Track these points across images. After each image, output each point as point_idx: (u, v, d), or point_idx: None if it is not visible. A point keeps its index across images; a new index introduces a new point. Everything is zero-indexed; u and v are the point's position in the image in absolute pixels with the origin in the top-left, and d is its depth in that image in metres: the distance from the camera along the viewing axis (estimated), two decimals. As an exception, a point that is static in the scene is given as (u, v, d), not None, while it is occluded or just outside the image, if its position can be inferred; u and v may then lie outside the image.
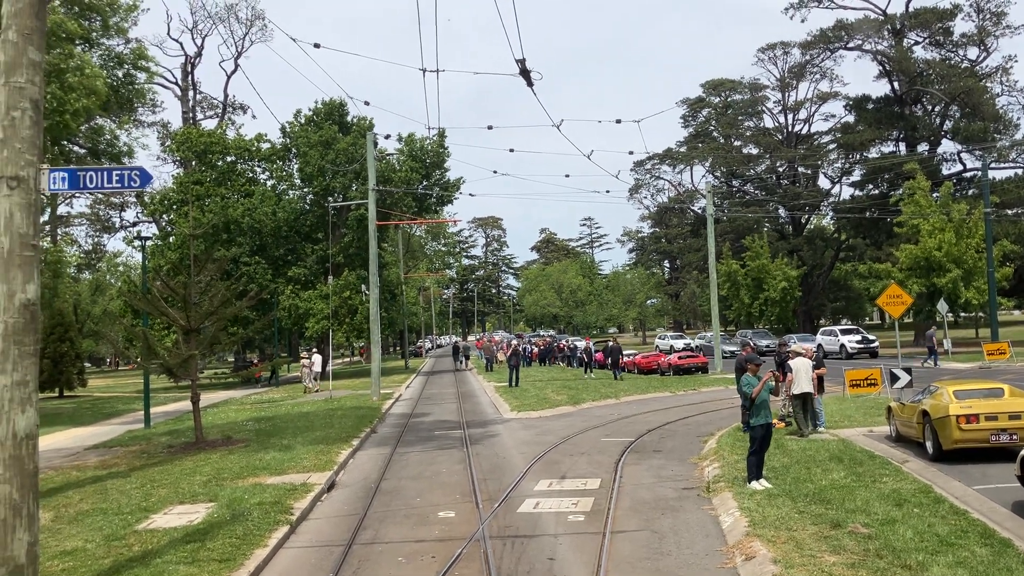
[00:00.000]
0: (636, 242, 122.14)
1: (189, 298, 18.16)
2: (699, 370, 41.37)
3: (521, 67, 11.40)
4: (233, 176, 52.38)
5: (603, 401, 26.60)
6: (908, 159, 55.99)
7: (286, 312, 48.62)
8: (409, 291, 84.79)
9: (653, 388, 30.32)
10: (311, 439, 18.95)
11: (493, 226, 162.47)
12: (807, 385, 17.32)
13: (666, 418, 21.74)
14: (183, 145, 52.49)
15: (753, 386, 11.97)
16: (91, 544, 10.11)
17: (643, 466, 14.81)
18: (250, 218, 48.42)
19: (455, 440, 19.41)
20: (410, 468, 15.74)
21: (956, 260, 44.67)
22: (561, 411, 24.50)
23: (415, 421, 24.17)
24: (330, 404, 28.71)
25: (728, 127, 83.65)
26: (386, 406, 28.03)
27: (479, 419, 23.85)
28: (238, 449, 18.07)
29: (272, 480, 14.08)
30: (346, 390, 36.51)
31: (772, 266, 65.67)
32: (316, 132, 50.08)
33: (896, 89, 60.76)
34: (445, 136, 51.31)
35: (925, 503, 10.36)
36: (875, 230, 62.34)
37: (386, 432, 21.80)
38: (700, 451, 16.24)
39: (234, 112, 69.99)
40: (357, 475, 15.34)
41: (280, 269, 50.20)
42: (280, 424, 22.63)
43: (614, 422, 21.53)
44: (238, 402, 33.94)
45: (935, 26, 58.38)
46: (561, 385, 32.82)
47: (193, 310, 18.57)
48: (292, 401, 31.86)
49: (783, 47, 77.20)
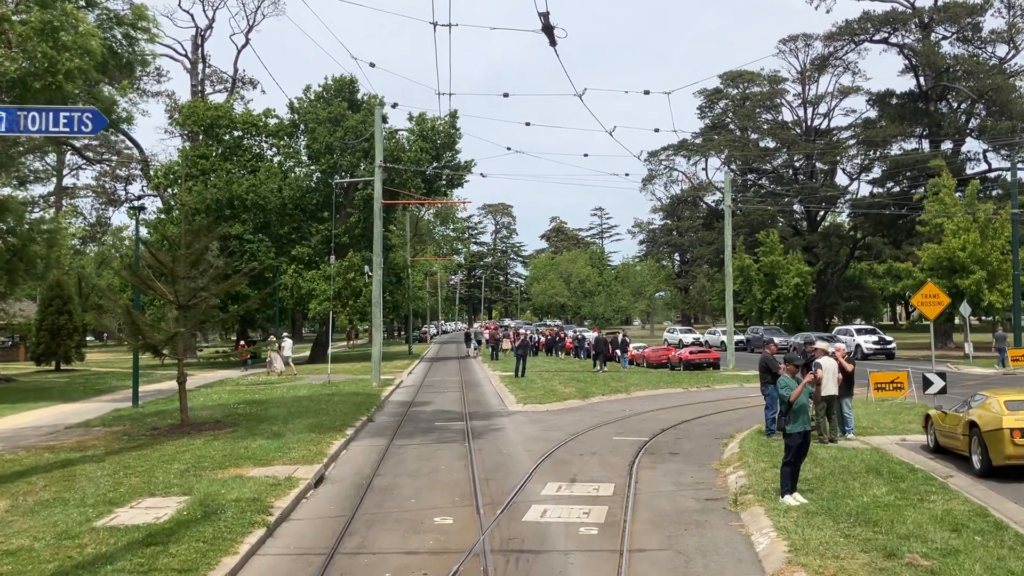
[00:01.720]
0: (647, 234, 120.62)
1: (176, 272, 16.93)
2: (710, 366, 40.13)
3: (544, 22, 10.07)
4: (240, 152, 51.17)
5: (613, 396, 25.35)
6: (932, 156, 54.44)
7: (288, 292, 47.46)
8: (416, 275, 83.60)
9: (664, 383, 29.06)
10: (303, 426, 17.77)
11: (503, 213, 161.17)
12: (832, 387, 16.05)
13: (681, 416, 20.50)
14: (189, 118, 51.27)
15: (791, 389, 10.70)
16: (39, 543, 8.93)
17: (660, 470, 13.59)
18: (254, 194, 47.20)
19: (456, 433, 18.20)
20: (406, 463, 14.54)
21: (980, 261, 43.21)
22: (569, 405, 23.27)
23: (415, 410, 22.98)
24: (327, 389, 27.54)
25: (745, 119, 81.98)
26: (386, 393, 26.85)
27: (483, 411, 22.65)
28: (224, 434, 16.91)
29: (255, 472, 12.90)
30: (346, 374, 35.35)
31: (785, 261, 64.22)
32: (325, 108, 48.80)
33: (921, 84, 59.08)
34: (457, 117, 50.03)
35: (986, 529, 9.11)
36: (894, 228, 60.78)
37: (384, 421, 20.61)
38: (721, 455, 15.01)
39: (244, 87, 68.59)
40: (348, 469, 14.15)
41: (284, 248, 49.01)
42: (273, 408, 21.46)
43: (626, 419, 20.30)
44: (233, 383, 32.82)
45: (964, 21, 56.64)
46: (569, 377, 31.58)
47: (182, 285, 17.38)
48: (289, 384, 30.72)
49: (805, 39, 75.47)
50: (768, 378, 16.83)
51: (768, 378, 16.83)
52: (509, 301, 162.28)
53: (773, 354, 18.16)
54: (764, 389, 17.42)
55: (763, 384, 17.37)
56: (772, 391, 17.25)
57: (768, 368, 17.13)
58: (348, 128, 47.46)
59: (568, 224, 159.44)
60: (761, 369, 17.47)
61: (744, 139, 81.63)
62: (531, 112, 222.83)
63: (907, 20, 58.16)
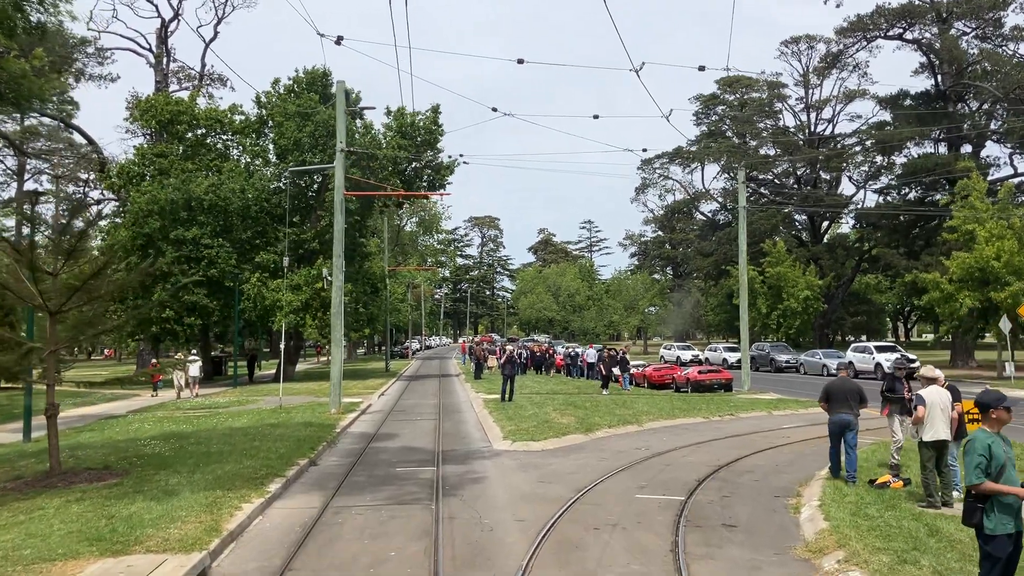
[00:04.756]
0: (639, 246, 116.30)
1: (36, 264, 12.22)
2: (722, 387, 35.63)
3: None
4: (203, 150, 46.50)
5: (622, 428, 20.65)
6: (953, 159, 50.32)
7: (251, 302, 42.70)
8: (397, 287, 78.82)
9: (679, 410, 24.44)
10: (214, 476, 13.09)
11: (489, 226, 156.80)
12: (944, 429, 11.56)
13: (714, 458, 15.91)
14: (147, 113, 46.56)
15: (985, 459, 6.09)
16: None
17: (720, 562, 8.99)
18: (214, 195, 42.43)
19: (422, 486, 13.52)
20: (340, 547, 9.83)
21: (1016, 271, 38.89)
22: (570, 441, 18.56)
23: (376, 447, 18.25)
24: (274, 417, 22.76)
25: (744, 125, 77.87)
26: (345, 422, 22.12)
27: (461, 449, 17.95)
28: (100, 489, 12.21)
29: (94, 568, 8.24)
30: (308, 396, 30.63)
31: (794, 273, 59.92)
32: (295, 102, 44.22)
33: (939, 84, 54.97)
34: (439, 112, 45.45)
35: None
36: (909, 238, 56.58)
37: (330, 465, 15.89)
38: (798, 528, 10.42)
39: (212, 84, 63.75)
40: (249, 557, 9.46)
41: (247, 254, 44.23)
42: (192, 446, 16.73)
43: (645, 462, 15.69)
44: (172, 406, 28.08)
45: (986, 15, 52.64)
46: (565, 402, 26.87)
47: (49, 283, 12.69)
48: (236, 409, 26.00)
49: (808, 41, 71.71)
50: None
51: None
52: (496, 315, 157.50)
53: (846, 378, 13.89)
54: (836, 430, 13.13)
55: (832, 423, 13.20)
56: (852, 437, 13.10)
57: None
58: (319, 123, 42.87)
59: (556, 236, 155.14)
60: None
61: (743, 146, 77.48)
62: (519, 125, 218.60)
63: (924, 14, 54.10)
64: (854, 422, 13.03)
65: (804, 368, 49.00)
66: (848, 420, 12.97)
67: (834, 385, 13.48)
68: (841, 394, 13.21)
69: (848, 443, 12.94)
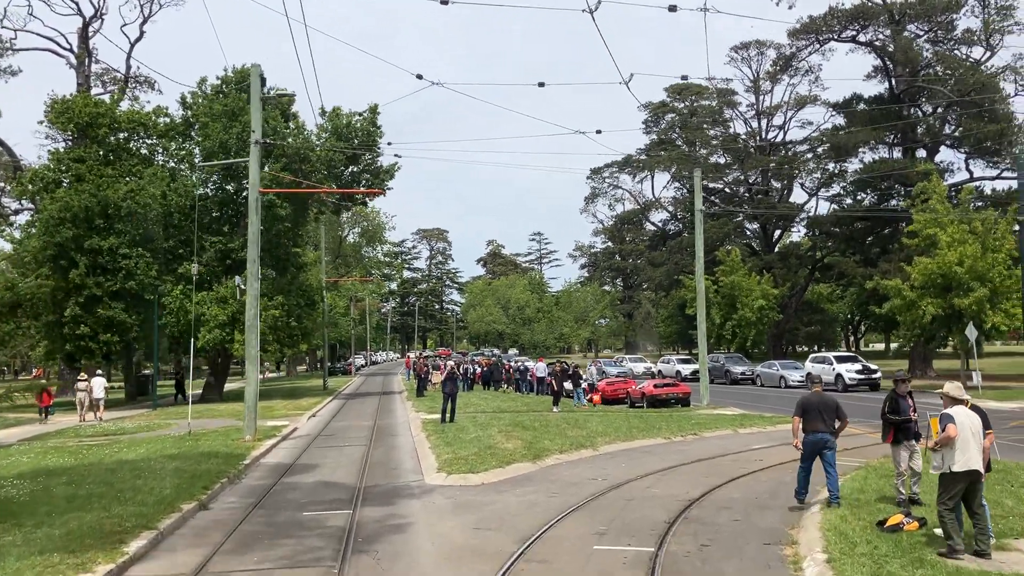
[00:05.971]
0: (588, 257, 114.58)
1: None
2: (679, 402, 33.40)
3: None
4: (124, 155, 43.18)
5: (575, 453, 18.11)
6: (910, 163, 49.14)
7: (173, 317, 39.50)
8: (338, 300, 75.63)
9: (637, 429, 22.04)
10: (64, 531, 10.31)
11: (438, 238, 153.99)
12: (977, 457, 9.32)
13: (683, 491, 13.49)
14: (63, 115, 43.06)
15: None
16: None
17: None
18: (132, 201, 39.19)
19: (329, 539, 10.82)
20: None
21: (980, 277, 37.43)
22: (515, 471, 15.95)
23: (287, 483, 15.50)
24: (177, 445, 19.81)
25: (693, 132, 76.47)
26: (259, 451, 19.31)
27: (386, 484, 15.25)
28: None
29: None
30: (228, 419, 27.66)
31: (749, 282, 58.29)
32: (222, 102, 41.23)
33: (893, 86, 53.88)
34: (377, 113, 42.80)
35: None
36: (865, 245, 55.32)
37: (223, 510, 13.11)
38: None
39: (138, 86, 60.17)
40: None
41: (169, 264, 41.02)
42: (59, 486, 13.82)
43: (603, 497, 13.22)
44: (72, 432, 24.97)
45: (939, 18, 51.67)
46: (512, 422, 24.24)
47: None
48: (143, 436, 23.04)
49: (758, 46, 70.49)
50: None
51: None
52: (444, 329, 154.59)
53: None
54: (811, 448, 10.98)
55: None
56: (831, 456, 11.18)
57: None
58: (246, 123, 39.87)
59: (506, 249, 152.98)
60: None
61: (694, 154, 76.00)
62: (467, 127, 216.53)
63: (877, 15, 52.99)
64: (832, 440, 11.85)
65: (761, 380, 47.23)
66: (826, 439, 11.80)
67: (810, 400, 12.13)
68: (817, 410, 11.84)
69: (828, 462, 11.75)
